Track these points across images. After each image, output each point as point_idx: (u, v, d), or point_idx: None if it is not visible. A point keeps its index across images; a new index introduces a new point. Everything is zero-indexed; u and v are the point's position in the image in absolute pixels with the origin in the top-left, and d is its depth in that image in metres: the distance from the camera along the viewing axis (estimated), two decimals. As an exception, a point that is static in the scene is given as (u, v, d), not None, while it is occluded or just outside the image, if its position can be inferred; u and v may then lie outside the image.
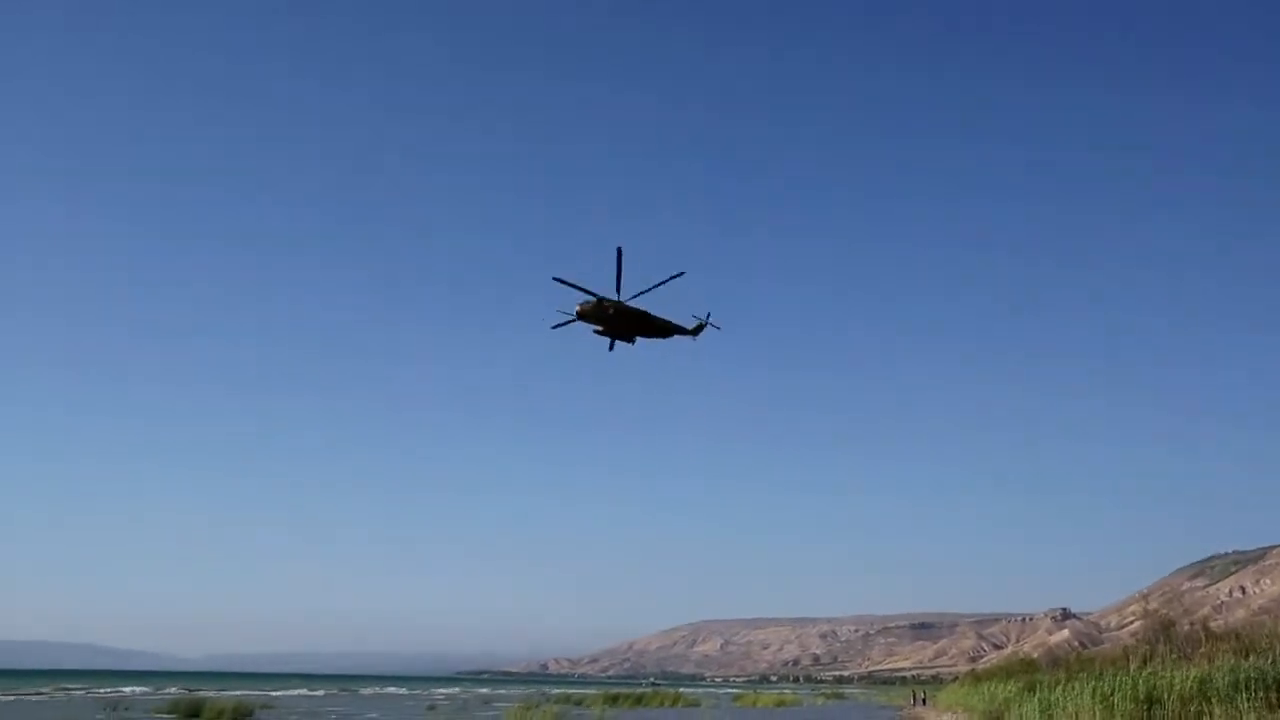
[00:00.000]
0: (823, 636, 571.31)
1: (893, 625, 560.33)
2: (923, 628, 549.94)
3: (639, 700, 69.28)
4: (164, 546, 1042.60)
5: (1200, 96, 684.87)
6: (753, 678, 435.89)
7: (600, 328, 28.38)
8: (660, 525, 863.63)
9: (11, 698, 59.43)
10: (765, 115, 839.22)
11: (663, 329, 28.98)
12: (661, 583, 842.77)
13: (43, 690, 73.57)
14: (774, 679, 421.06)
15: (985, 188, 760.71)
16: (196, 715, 36.55)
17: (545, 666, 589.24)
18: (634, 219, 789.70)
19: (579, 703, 63.53)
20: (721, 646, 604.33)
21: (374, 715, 45.14)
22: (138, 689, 77.70)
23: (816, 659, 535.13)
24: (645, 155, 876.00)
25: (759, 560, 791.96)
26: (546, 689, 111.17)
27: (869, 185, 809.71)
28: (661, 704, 69.91)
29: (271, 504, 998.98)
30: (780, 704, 69.55)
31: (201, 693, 48.23)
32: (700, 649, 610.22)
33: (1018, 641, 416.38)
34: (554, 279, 26.54)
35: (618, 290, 27.08)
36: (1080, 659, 47.50)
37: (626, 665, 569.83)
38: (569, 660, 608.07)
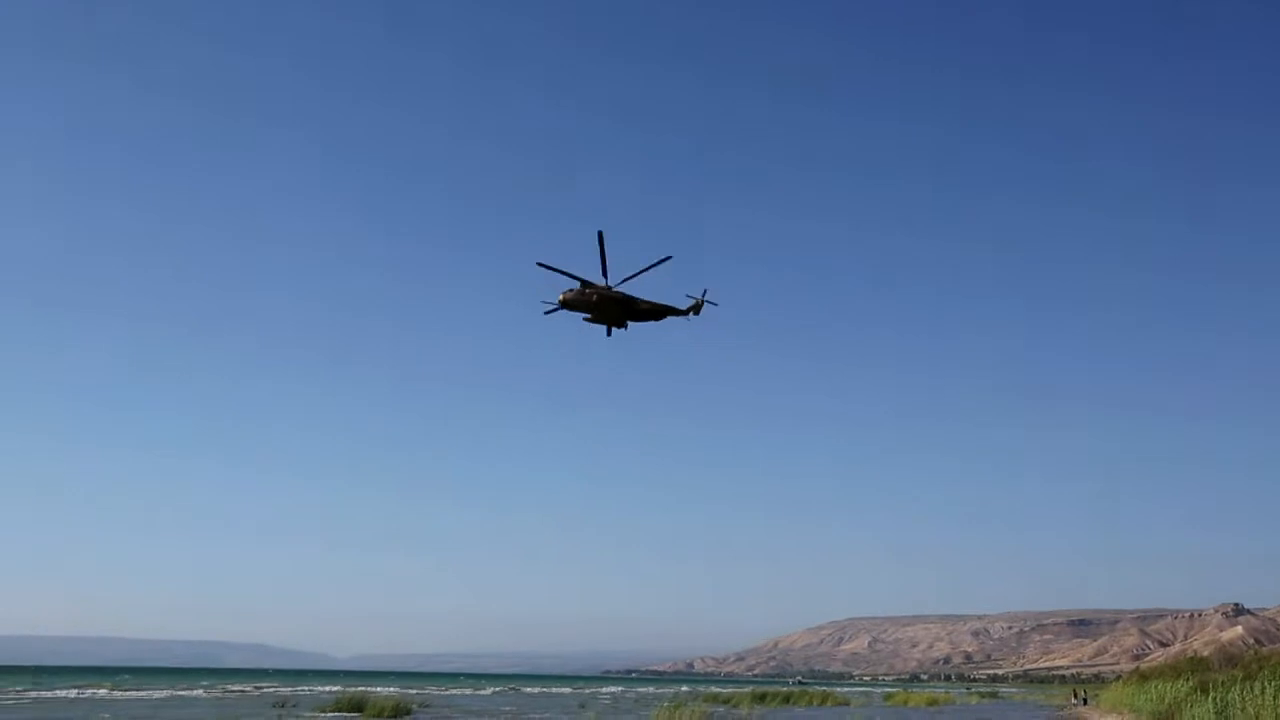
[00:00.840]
0: (975, 634, 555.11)
1: (1048, 622, 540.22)
2: (1081, 624, 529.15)
3: (787, 699, 68.60)
4: (331, 550, 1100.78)
5: None
6: (902, 676, 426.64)
7: (588, 315, 27.89)
8: (802, 523, 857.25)
9: (197, 692, 63.29)
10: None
11: (653, 312, 28.27)
12: (807, 581, 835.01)
13: (210, 687, 77.72)
14: (924, 678, 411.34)
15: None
16: (359, 710, 37.87)
17: (691, 665, 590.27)
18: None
19: (726, 701, 63.36)
20: (869, 644, 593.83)
21: (535, 715, 45.97)
22: (300, 687, 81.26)
23: (968, 657, 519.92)
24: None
25: (907, 557, 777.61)
26: (694, 687, 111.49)
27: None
28: (810, 703, 69.06)
29: (438, 513, 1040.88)
30: (933, 703, 67.78)
31: (361, 690, 49.97)
32: (847, 647, 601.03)
33: (1185, 639, 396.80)
34: (538, 264, 26.31)
35: (604, 275, 26.61)
36: (1259, 657, 44.70)
37: (772, 664, 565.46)
38: (715, 659, 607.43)
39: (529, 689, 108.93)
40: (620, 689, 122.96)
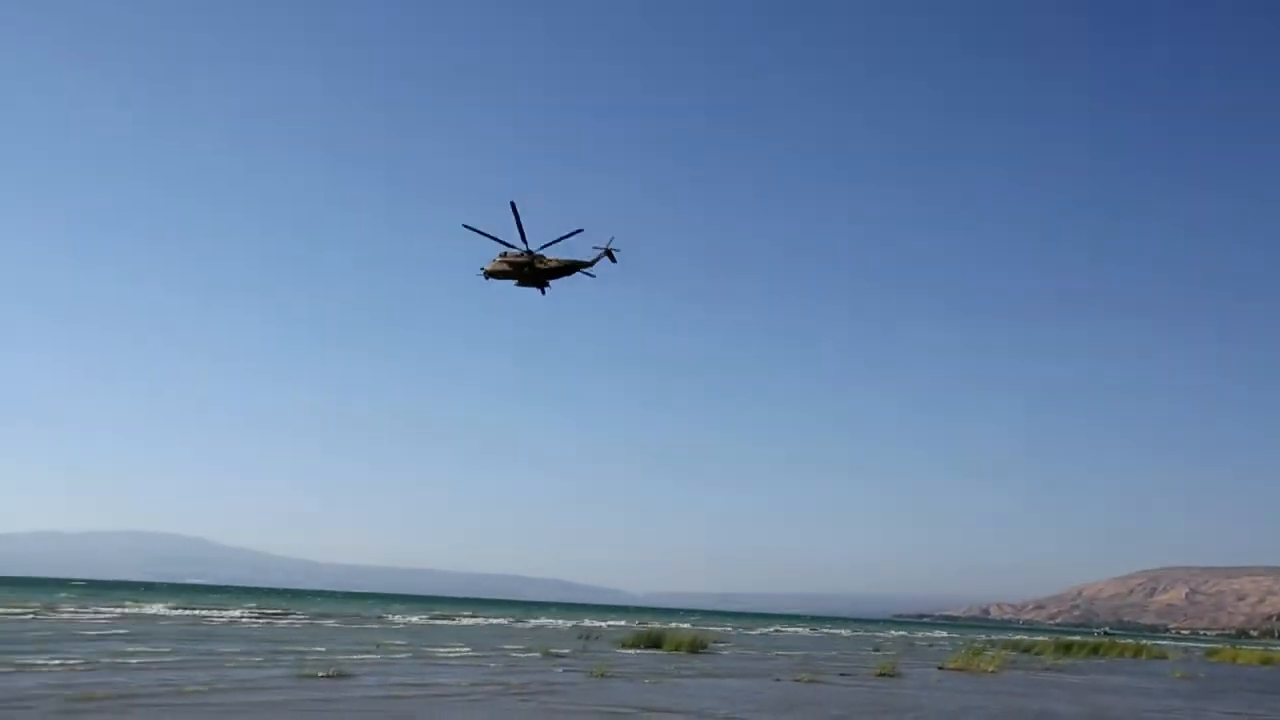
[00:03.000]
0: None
1: None
2: None
3: (1095, 650, 64.57)
4: (632, 488, 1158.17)
5: None
6: (1227, 631, 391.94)
7: (515, 281, 29.64)
8: (1106, 464, 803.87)
9: (503, 620, 68.60)
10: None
11: (562, 268, 29.43)
12: (1114, 525, 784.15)
13: (518, 620, 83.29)
14: (1254, 633, 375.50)
15: None
16: (658, 646, 39.14)
17: (987, 611, 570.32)
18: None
19: (1027, 650, 60.57)
20: (1187, 596, 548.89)
21: (827, 653, 46.07)
22: (599, 621, 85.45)
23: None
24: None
25: (1231, 499, 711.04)
26: (990, 635, 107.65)
27: None
28: (1121, 655, 64.76)
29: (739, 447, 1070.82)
30: (1267, 662, 61.61)
31: (659, 626, 51.95)
32: (1161, 598, 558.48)
33: None
34: (464, 226, 27.74)
35: (523, 241, 28.19)
36: None
37: (1076, 613, 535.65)
38: (1012, 606, 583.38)
39: (823, 629, 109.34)
40: (903, 633, 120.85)
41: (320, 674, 20.81)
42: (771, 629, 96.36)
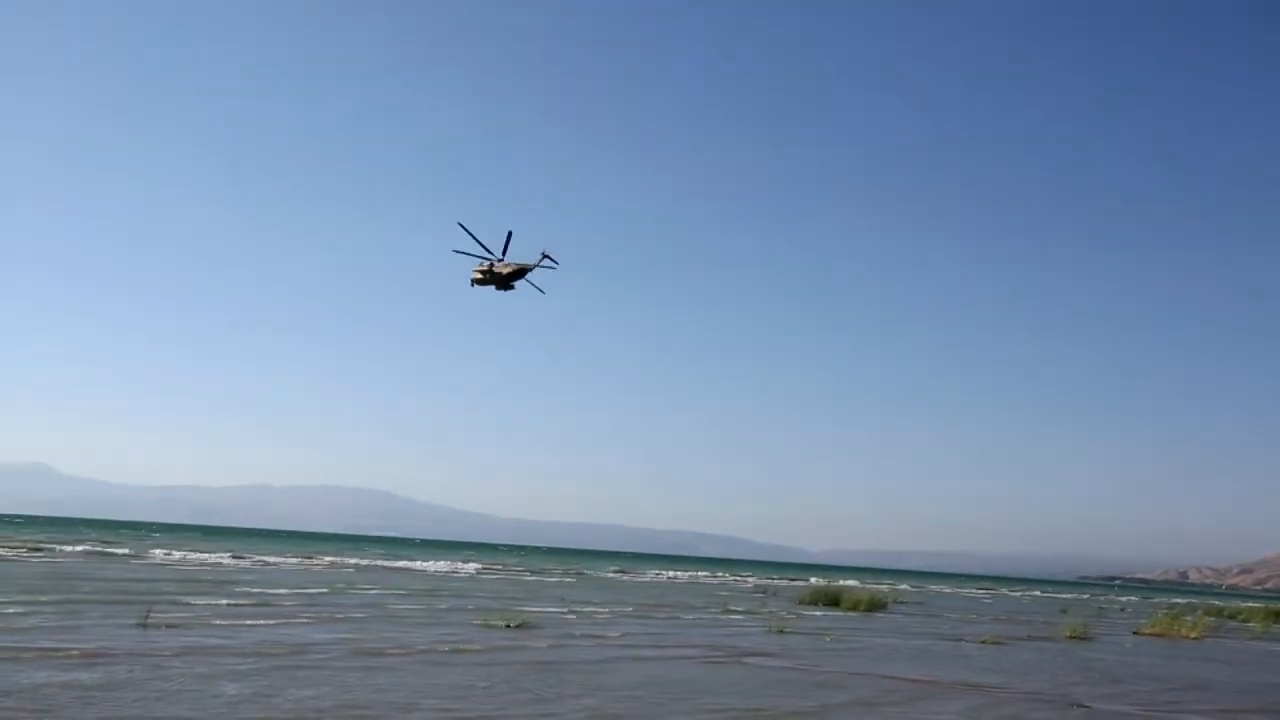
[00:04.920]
0: None
1: None
2: None
3: (1313, 619, 60.10)
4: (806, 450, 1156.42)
5: None
6: None
7: (493, 286, 31.93)
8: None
9: (674, 574, 69.62)
10: None
11: (514, 274, 31.63)
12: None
13: (697, 573, 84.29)
14: None
15: None
16: (835, 604, 38.98)
17: (1185, 575, 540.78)
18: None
19: (1232, 616, 57.12)
20: None
21: (1012, 613, 44.76)
22: (774, 578, 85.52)
23: None
24: None
25: None
26: (1190, 600, 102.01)
27: None
28: (1343, 624, 60.10)
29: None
30: None
31: (838, 583, 51.68)
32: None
33: None
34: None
35: (489, 252, 31.12)
36: None
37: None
38: (1213, 570, 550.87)
39: (1004, 590, 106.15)
40: (1090, 595, 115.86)
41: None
42: (950, 589, 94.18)
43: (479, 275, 33.55)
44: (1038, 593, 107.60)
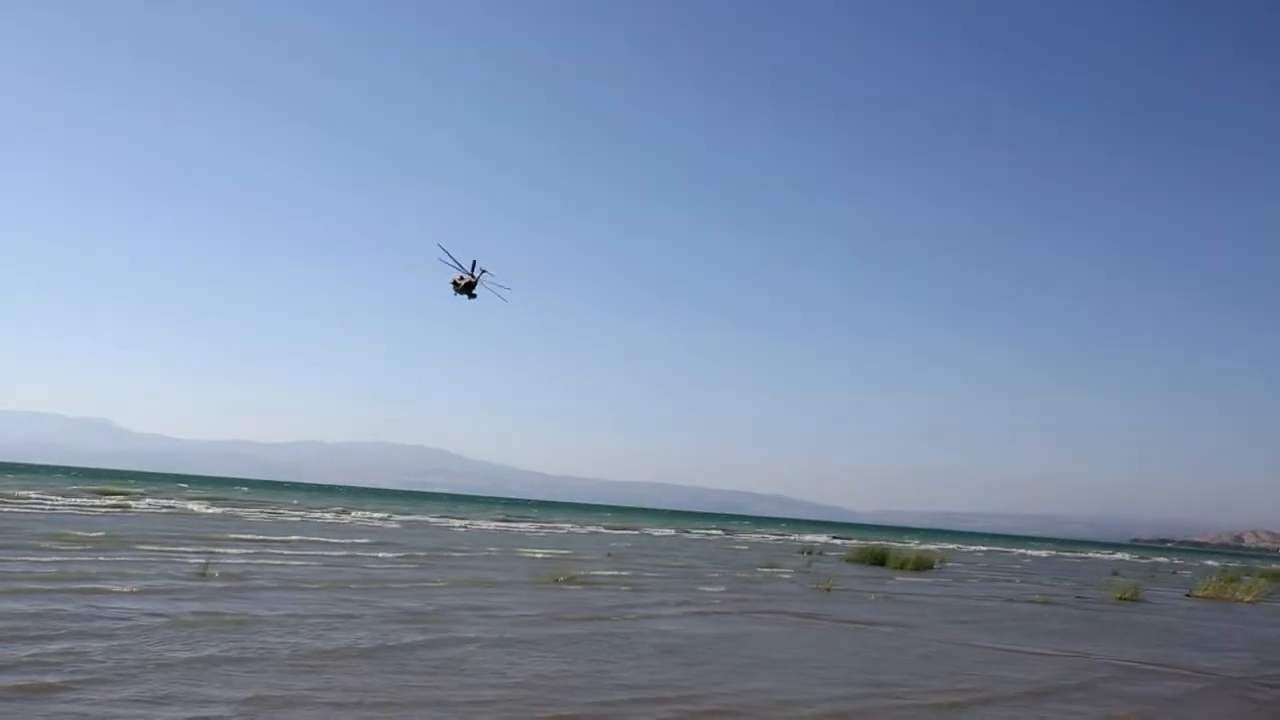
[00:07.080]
0: None
1: None
2: None
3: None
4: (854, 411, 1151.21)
5: None
6: None
7: (465, 295, 31.97)
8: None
9: (716, 533, 70.02)
10: None
11: (469, 285, 31.39)
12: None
13: (745, 530, 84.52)
14: None
15: None
16: (881, 563, 38.85)
17: (1241, 539, 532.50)
18: None
19: (1293, 580, 55.95)
20: None
21: (1053, 578, 44.32)
22: (820, 537, 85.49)
23: None
24: None
25: None
26: (1246, 563, 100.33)
27: None
28: None
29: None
30: None
31: (883, 543, 51.49)
32: None
33: None
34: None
35: (459, 265, 30.29)
36: None
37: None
38: (1270, 534, 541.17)
39: (1055, 550, 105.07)
40: (1142, 557, 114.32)
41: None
42: (1000, 549, 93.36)
43: (456, 289, 35.78)
44: (1092, 554, 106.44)
